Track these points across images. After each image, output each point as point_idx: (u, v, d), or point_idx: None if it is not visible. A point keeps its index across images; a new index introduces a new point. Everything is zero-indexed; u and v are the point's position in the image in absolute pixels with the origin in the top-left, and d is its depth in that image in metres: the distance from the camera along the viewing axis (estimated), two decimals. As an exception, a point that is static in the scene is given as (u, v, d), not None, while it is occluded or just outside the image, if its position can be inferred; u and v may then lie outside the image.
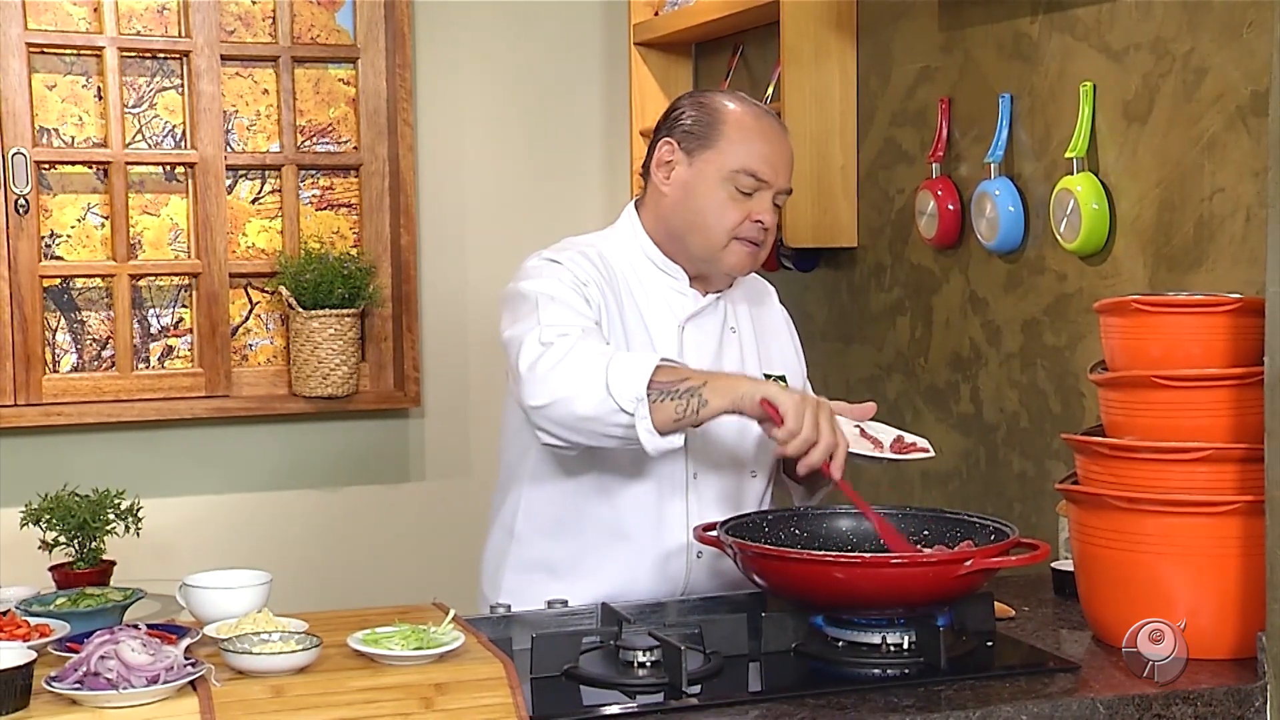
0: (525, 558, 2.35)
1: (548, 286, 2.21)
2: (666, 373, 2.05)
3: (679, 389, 2.04)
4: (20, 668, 1.62)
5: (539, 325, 2.13)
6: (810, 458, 2.04)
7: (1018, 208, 2.78)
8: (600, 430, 2.07)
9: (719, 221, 2.27)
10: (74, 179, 3.77)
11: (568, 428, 2.09)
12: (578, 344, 2.09)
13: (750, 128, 2.28)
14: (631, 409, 2.02)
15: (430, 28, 3.97)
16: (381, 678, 1.70)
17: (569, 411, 2.06)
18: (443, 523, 4.00)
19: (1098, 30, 2.60)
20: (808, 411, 2.02)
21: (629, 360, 2.06)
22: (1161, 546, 1.98)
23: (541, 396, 2.08)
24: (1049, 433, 2.75)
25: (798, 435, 2.02)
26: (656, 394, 2.03)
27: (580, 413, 2.05)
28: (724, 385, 2.06)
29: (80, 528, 2.78)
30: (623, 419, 2.03)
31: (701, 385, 2.05)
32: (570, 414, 2.06)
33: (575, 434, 2.10)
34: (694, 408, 2.04)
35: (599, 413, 2.04)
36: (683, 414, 2.04)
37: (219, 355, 3.85)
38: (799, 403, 2.03)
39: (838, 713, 1.78)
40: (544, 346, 2.10)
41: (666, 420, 2.04)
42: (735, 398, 2.05)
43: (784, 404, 2.03)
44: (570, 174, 4.13)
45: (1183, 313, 2.06)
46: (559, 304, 2.18)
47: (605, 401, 2.03)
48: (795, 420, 2.02)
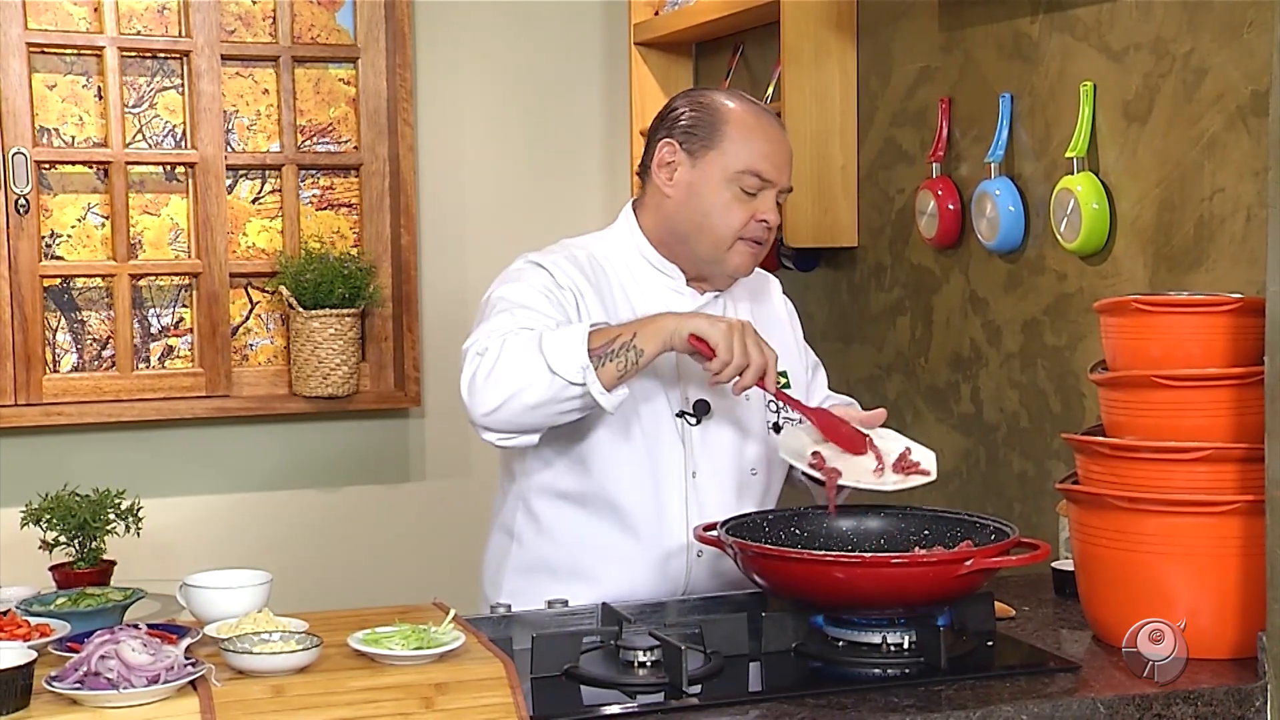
0: (525, 559, 2.36)
1: (513, 292, 2.25)
2: (597, 337, 2.10)
3: (613, 348, 2.09)
4: (21, 667, 1.62)
5: (479, 338, 2.18)
6: (743, 381, 2.10)
7: (1018, 208, 2.78)
8: (555, 410, 2.12)
9: (725, 222, 2.27)
10: (74, 179, 3.77)
11: (518, 423, 2.13)
12: (506, 341, 2.13)
13: (752, 127, 2.29)
14: (581, 380, 2.08)
15: (430, 27, 3.97)
16: (382, 677, 1.70)
17: (519, 406, 2.10)
18: (443, 523, 4.00)
19: (1098, 30, 2.60)
20: (735, 338, 2.08)
21: (559, 337, 2.10)
22: (1162, 546, 1.98)
23: (488, 403, 2.12)
24: (1049, 433, 2.75)
25: (729, 364, 2.08)
26: (595, 359, 2.08)
27: (529, 402, 2.10)
28: (652, 329, 2.11)
29: (80, 528, 2.78)
30: (575, 391, 2.09)
31: (632, 337, 2.10)
32: (520, 407, 2.11)
33: (527, 425, 2.14)
34: (632, 360, 2.10)
35: (549, 395, 2.09)
36: (623, 369, 2.10)
37: (219, 355, 3.85)
38: (725, 332, 2.08)
39: (838, 712, 1.78)
40: (479, 357, 2.15)
41: (610, 380, 2.09)
42: (665, 338, 2.11)
43: (711, 336, 2.09)
44: (570, 174, 4.13)
45: (1183, 313, 2.06)
46: (516, 311, 2.21)
47: (553, 382, 2.08)
48: (725, 350, 2.08)
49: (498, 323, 2.19)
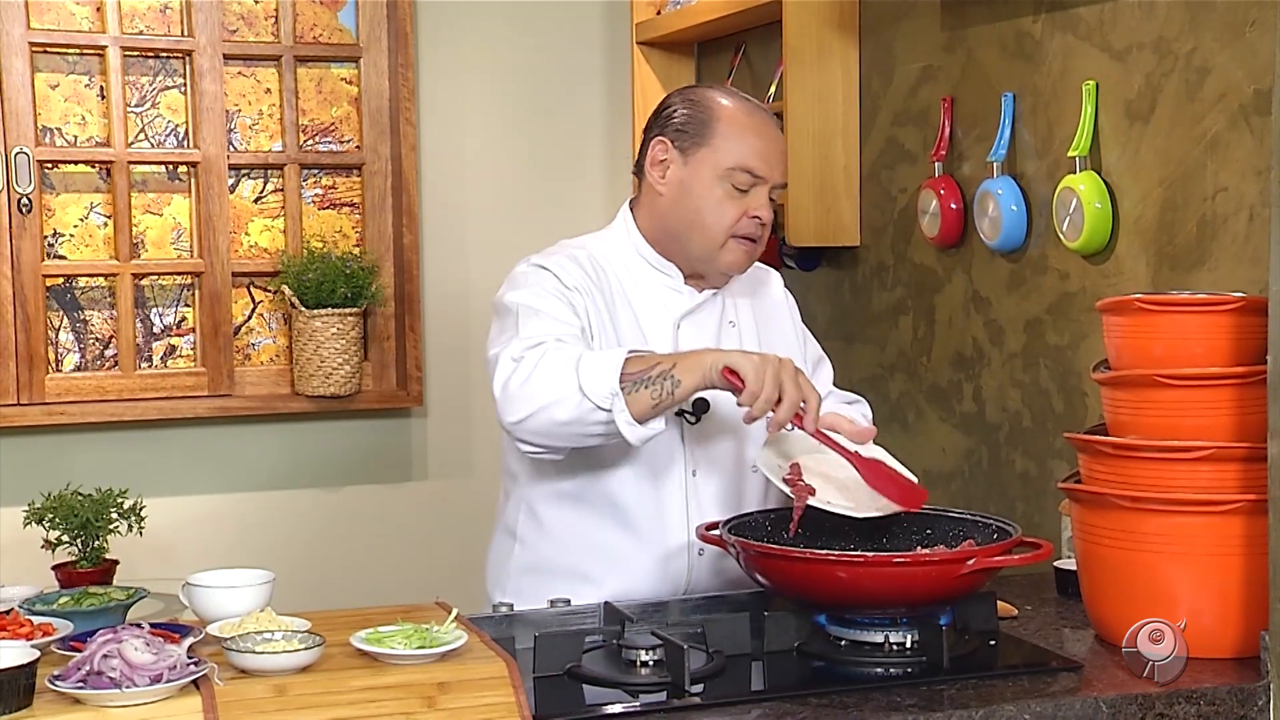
0: (528, 560, 2.36)
1: (529, 297, 2.23)
2: (635, 363, 2.07)
3: (651, 375, 2.06)
4: (23, 667, 1.62)
5: (513, 342, 2.16)
6: (777, 417, 2.05)
7: (1020, 207, 2.78)
8: (581, 431, 2.10)
9: (717, 220, 2.27)
10: (77, 178, 3.77)
11: (549, 435, 2.12)
12: (547, 353, 2.11)
13: (744, 124, 2.28)
14: (608, 405, 2.05)
15: (433, 27, 3.97)
16: (384, 677, 1.71)
17: (548, 419, 2.09)
18: (445, 522, 4.00)
19: (1100, 29, 2.60)
20: (768, 371, 2.04)
21: (598, 359, 2.08)
22: (1164, 545, 1.98)
23: (518, 412, 2.11)
24: (1051, 432, 2.75)
25: (759, 396, 2.03)
26: (630, 385, 2.05)
27: (559, 419, 2.08)
28: (691, 362, 2.08)
29: (83, 527, 2.78)
30: (601, 416, 2.06)
31: (671, 367, 2.07)
32: (550, 421, 2.09)
33: (557, 439, 2.13)
34: (668, 390, 2.06)
35: (577, 415, 2.07)
36: (659, 399, 2.06)
37: (221, 355, 3.85)
38: (758, 364, 2.04)
39: (840, 712, 1.78)
40: (515, 363, 2.13)
41: (644, 409, 2.06)
42: (704, 371, 2.07)
43: (743, 368, 2.04)
44: (573, 173, 4.13)
45: (1186, 312, 2.06)
46: (539, 316, 2.20)
47: (582, 404, 2.06)
48: (756, 383, 2.03)
49: (533, 329, 2.17)
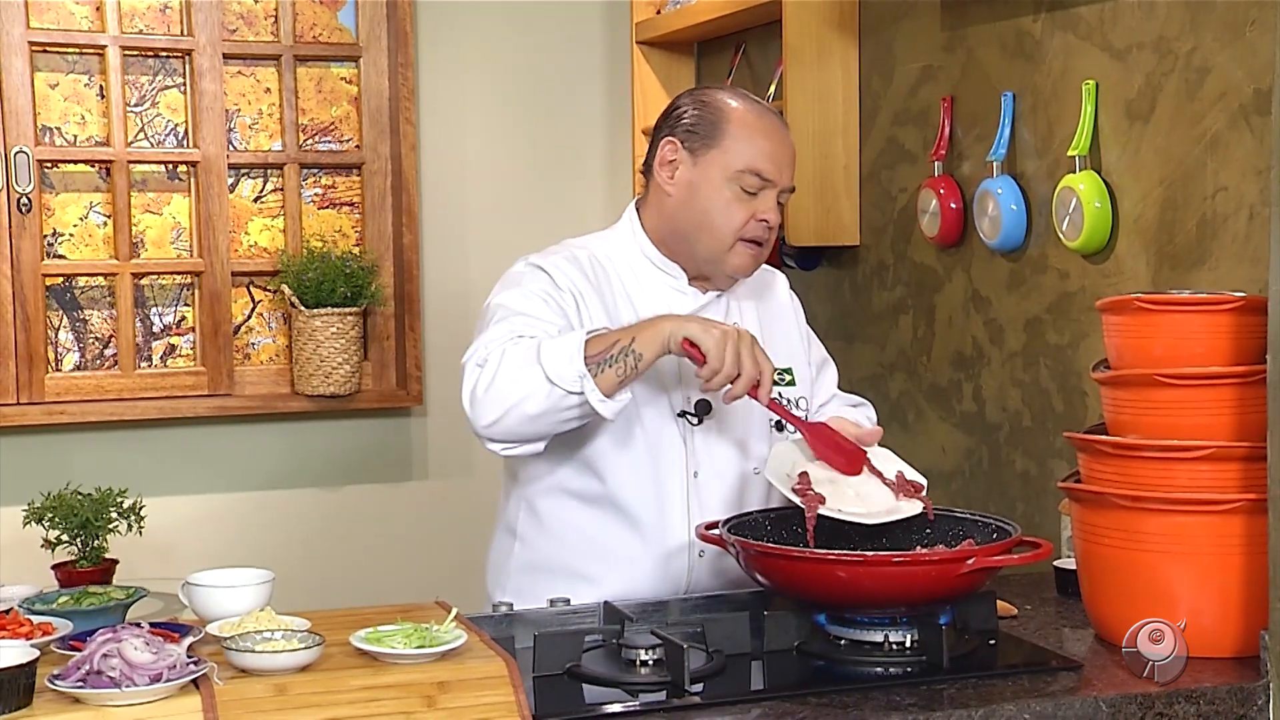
0: (528, 559, 2.36)
1: (512, 299, 2.24)
2: (596, 343, 2.09)
3: (612, 354, 2.08)
4: (23, 666, 1.62)
5: (478, 348, 2.18)
6: (734, 390, 2.08)
7: (1020, 206, 2.78)
8: (555, 420, 2.11)
9: (725, 222, 2.27)
10: (76, 178, 3.77)
11: (520, 433, 2.14)
12: (506, 351, 2.13)
13: (754, 126, 2.28)
14: (579, 389, 2.07)
15: (432, 27, 3.97)
16: (383, 676, 1.70)
17: (520, 416, 2.11)
18: (445, 522, 4.00)
19: (1100, 29, 2.60)
20: (728, 346, 2.06)
21: (558, 346, 2.10)
22: (1164, 545, 1.98)
23: (488, 415, 2.13)
24: (1051, 431, 2.75)
25: (719, 371, 2.06)
26: (594, 367, 2.07)
27: (530, 412, 2.10)
28: (650, 334, 2.10)
29: (83, 526, 2.78)
30: (573, 401, 2.08)
31: (630, 342, 2.09)
32: (521, 418, 2.11)
33: (530, 435, 2.14)
34: (631, 365, 2.08)
35: (548, 405, 2.09)
36: (623, 374, 2.09)
37: (221, 354, 3.85)
38: (719, 339, 2.07)
39: (840, 711, 1.78)
40: (479, 368, 2.16)
41: (610, 386, 2.08)
42: (662, 340, 2.09)
43: (705, 342, 2.07)
44: (572, 173, 4.13)
45: (1185, 311, 2.05)
46: (513, 318, 2.21)
47: (552, 393, 2.08)
48: (717, 357, 2.06)
49: (495, 332, 2.19)
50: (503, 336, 2.17)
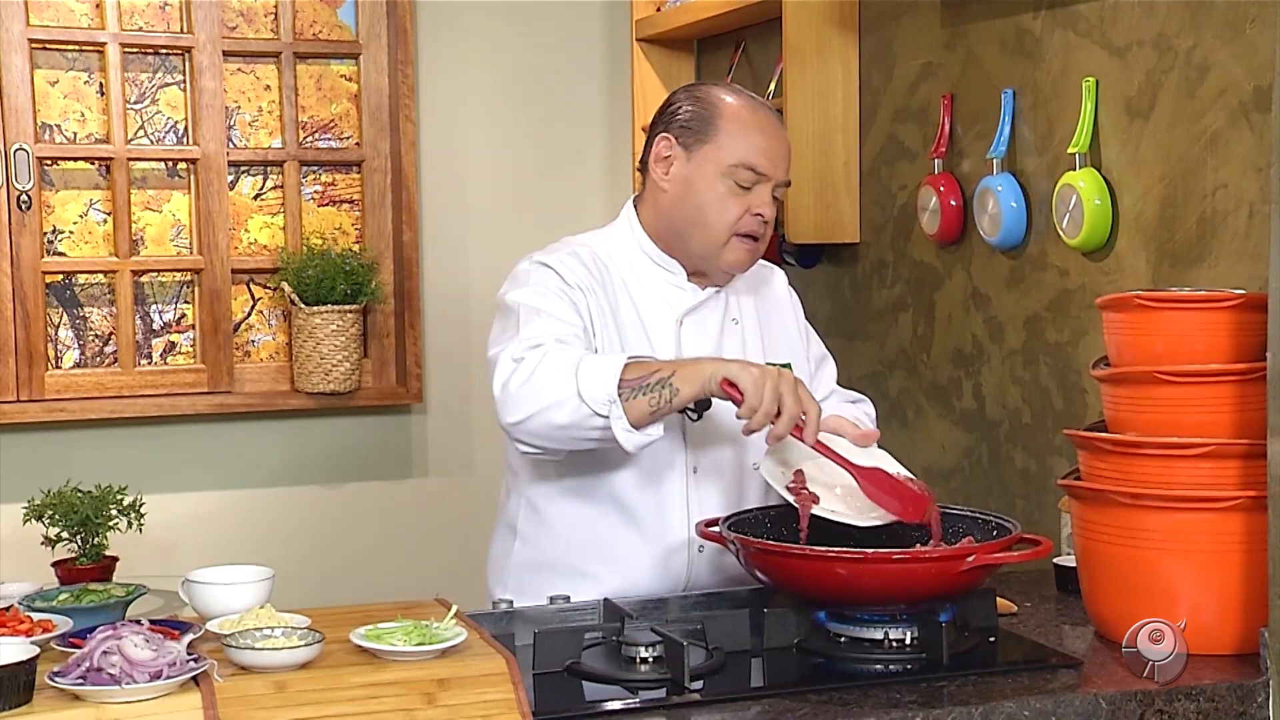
0: (529, 555, 2.36)
1: (531, 297, 2.23)
2: (635, 369, 2.07)
3: (649, 382, 2.06)
4: (23, 663, 1.62)
5: (513, 342, 2.16)
6: (776, 430, 2.05)
7: (1020, 204, 2.78)
8: (578, 436, 2.10)
9: (719, 217, 2.27)
10: (76, 175, 3.77)
11: (546, 438, 2.12)
12: (548, 355, 2.11)
13: (747, 121, 2.28)
14: (605, 412, 2.05)
15: (432, 24, 3.97)
16: (384, 673, 1.70)
17: (545, 422, 2.09)
18: (445, 519, 4.00)
19: (1100, 26, 2.60)
20: (768, 385, 2.04)
21: (597, 364, 2.08)
22: (1164, 542, 1.98)
23: (517, 413, 2.11)
24: (1051, 429, 2.75)
25: (758, 410, 2.03)
26: (628, 392, 2.05)
27: (556, 422, 2.08)
28: (691, 371, 2.07)
29: (83, 524, 2.78)
30: (598, 423, 2.06)
31: (670, 375, 2.07)
32: (547, 424, 2.09)
33: (554, 442, 2.13)
34: (666, 398, 2.06)
35: (574, 420, 2.07)
36: (656, 406, 2.06)
37: (221, 351, 3.85)
38: (758, 378, 2.04)
39: (840, 708, 1.78)
40: (515, 363, 2.13)
41: (642, 415, 2.06)
42: (703, 381, 2.07)
43: (742, 381, 2.04)
44: (572, 170, 4.13)
45: (1185, 308, 2.06)
46: (541, 316, 2.20)
47: (580, 409, 2.06)
48: (755, 396, 2.03)
49: (534, 330, 2.17)
50: (542, 336, 2.16)
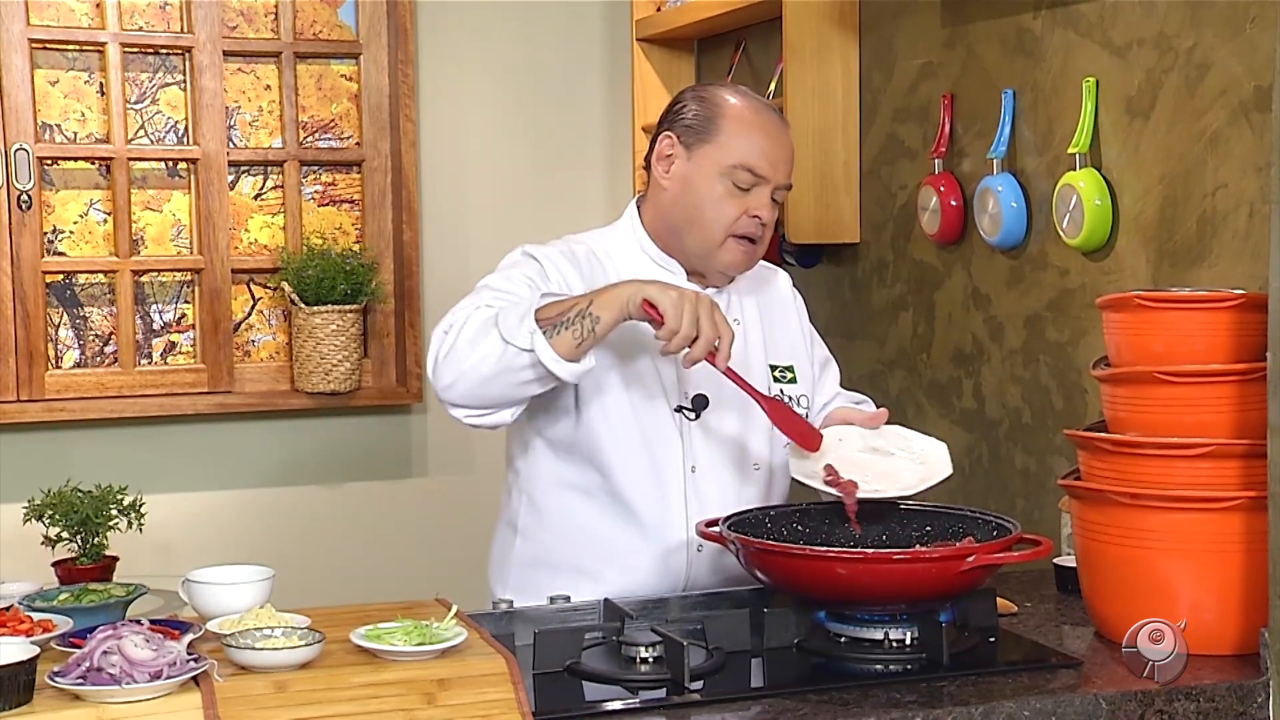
0: (529, 554, 2.36)
1: (496, 280, 2.25)
2: (552, 307, 2.08)
3: (568, 316, 2.06)
4: (23, 663, 1.62)
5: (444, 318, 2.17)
6: (692, 353, 2.05)
7: (1020, 203, 2.78)
8: (512, 380, 2.09)
9: (716, 217, 2.26)
10: (76, 175, 3.77)
11: (481, 394, 2.11)
12: (470, 317, 2.12)
13: (750, 122, 2.28)
14: (529, 345, 2.05)
15: (433, 24, 3.97)
16: (384, 673, 1.70)
17: (476, 376, 2.09)
18: (445, 519, 4.00)
19: (1101, 26, 2.60)
20: (686, 307, 2.03)
21: (514, 309, 2.09)
22: (1164, 542, 1.98)
23: (446, 377, 2.11)
24: (1051, 428, 2.75)
25: (677, 333, 2.03)
26: (549, 329, 2.05)
27: (485, 373, 2.08)
28: (608, 297, 2.07)
29: (83, 523, 2.78)
30: (526, 359, 2.06)
31: (588, 305, 2.07)
32: (478, 378, 2.09)
33: (491, 396, 2.11)
34: (589, 327, 2.06)
35: (503, 364, 2.07)
36: (581, 337, 2.06)
37: (221, 351, 3.85)
38: (677, 299, 2.04)
39: (840, 708, 1.78)
40: (444, 334, 2.14)
41: (569, 349, 2.05)
42: (621, 304, 2.06)
43: (662, 303, 2.04)
44: (572, 170, 4.13)
45: (1186, 308, 2.05)
46: (488, 291, 2.21)
47: (505, 351, 2.06)
48: (674, 319, 2.03)
49: (464, 302, 2.20)
50: (468, 305, 2.17)
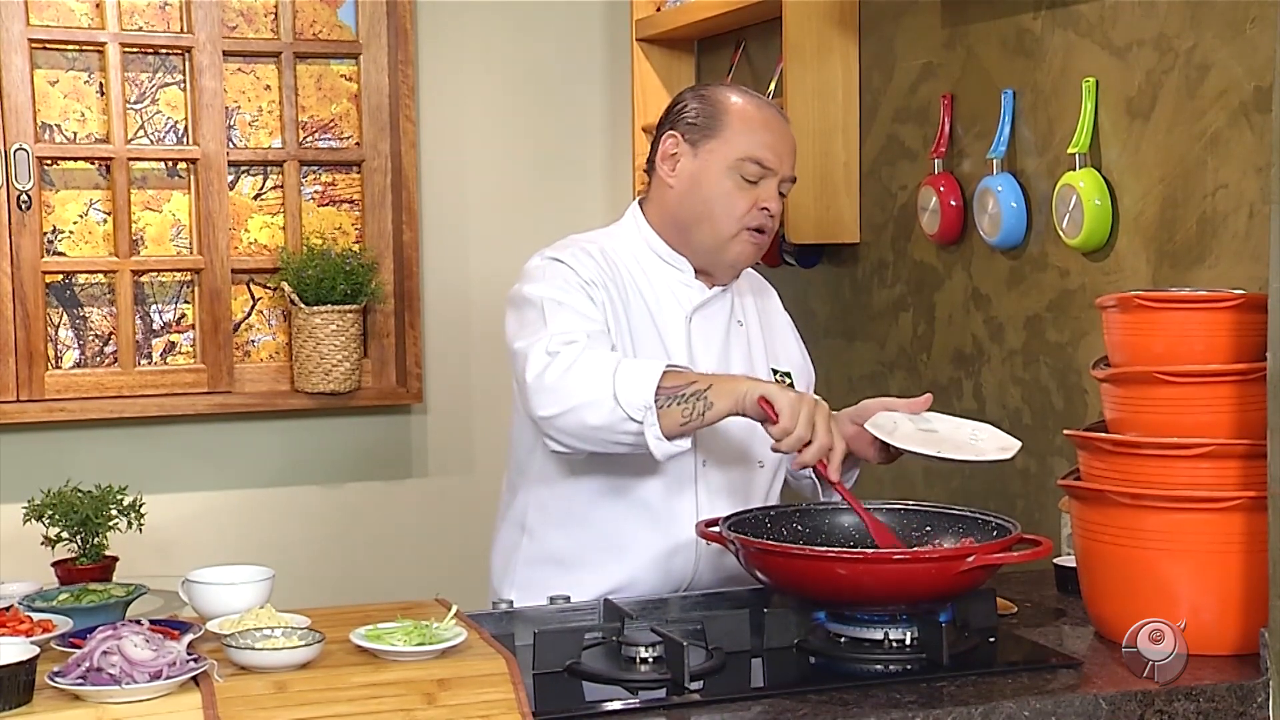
0: (537, 552, 2.37)
1: (552, 290, 2.23)
2: (672, 378, 2.08)
3: (685, 393, 2.07)
4: (23, 663, 1.62)
5: (545, 334, 2.16)
6: (803, 457, 2.07)
7: (1020, 204, 2.78)
8: (610, 438, 2.11)
9: (727, 210, 2.28)
10: (76, 175, 3.77)
11: (577, 437, 2.12)
12: (584, 353, 2.12)
13: (753, 117, 2.31)
14: (640, 417, 2.06)
15: (432, 24, 3.97)
16: (384, 673, 1.70)
17: (579, 421, 2.10)
18: (445, 519, 4.00)
19: (1101, 26, 2.60)
20: (803, 410, 2.05)
21: (635, 368, 2.08)
22: (1164, 542, 1.98)
23: (550, 407, 2.11)
24: (1051, 429, 2.75)
25: (791, 434, 2.05)
26: (663, 399, 2.06)
27: (590, 423, 2.09)
28: (727, 387, 2.09)
29: (83, 524, 2.78)
30: (631, 427, 2.07)
31: (706, 389, 2.08)
32: (580, 424, 2.10)
33: (585, 442, 2.14)
34: (699, 411, 2.07)
35: (608, 422, 2.08)
36: (689, 418, 2.07)
37: (221, 351, 3.85)
38: (794, 401, 2.06)
39: (840, 708, 1.78)
40: (550, 356, 2.13)
41: (673, 425, 2.07)
42: (738, 398, 2.08)
43: (780, 402, 2.06)
44: (573, 170, 4.13)
45: (1185, 309, 2.05)
46: (565, 309, 2.20)
47: (614, 411, 2.07)
48: (790, 419, 2.05)
49: (563, 324, 2.17)
50: (574, 331, 2.16)
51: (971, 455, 2.17)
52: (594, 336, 2.17)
